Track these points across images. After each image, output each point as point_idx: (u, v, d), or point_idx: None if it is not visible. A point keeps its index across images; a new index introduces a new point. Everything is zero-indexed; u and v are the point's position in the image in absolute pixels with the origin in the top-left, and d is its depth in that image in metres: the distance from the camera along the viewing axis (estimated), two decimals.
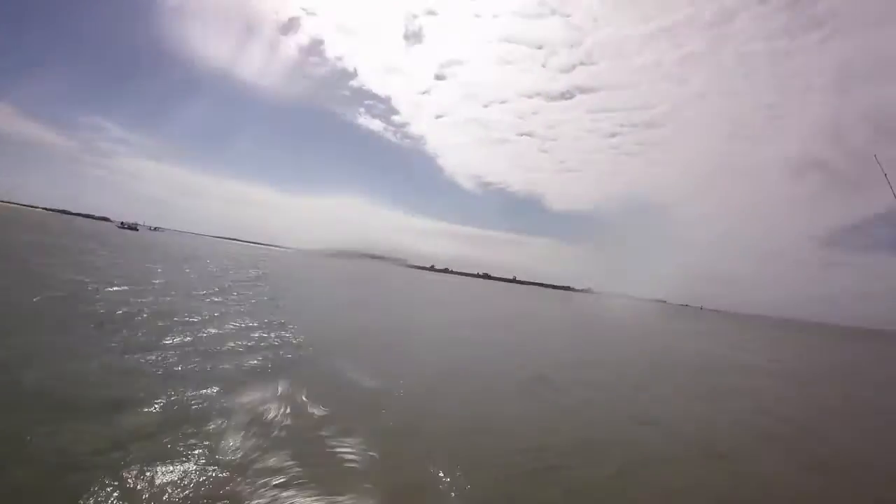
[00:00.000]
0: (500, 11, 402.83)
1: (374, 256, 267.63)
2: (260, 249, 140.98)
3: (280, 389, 6.87)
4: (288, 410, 6.10)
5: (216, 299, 15.00)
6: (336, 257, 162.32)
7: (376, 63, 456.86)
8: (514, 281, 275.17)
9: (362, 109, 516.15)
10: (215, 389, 6.41)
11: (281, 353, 9.21)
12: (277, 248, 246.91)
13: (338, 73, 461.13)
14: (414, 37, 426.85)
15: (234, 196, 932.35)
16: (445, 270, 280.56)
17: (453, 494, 4.57)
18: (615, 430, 7.41)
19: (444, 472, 4.94)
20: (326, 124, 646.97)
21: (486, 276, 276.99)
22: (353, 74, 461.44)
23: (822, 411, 11.29)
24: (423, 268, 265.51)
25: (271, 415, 5.89)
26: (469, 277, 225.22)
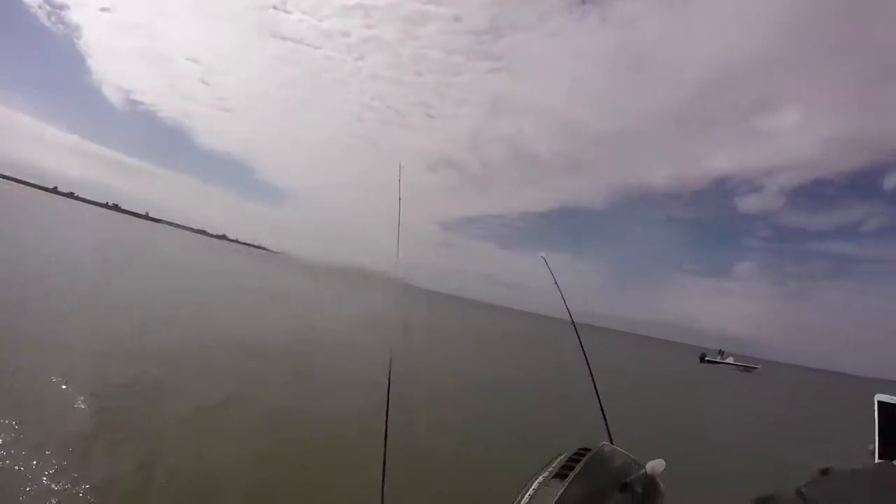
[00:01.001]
0: None
1: None
2: None
3: None
4: None
5: None
6: None
7: None
8: (146, 217, 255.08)
9: None
10: None
11: None
12: None
13: None
14: None
15: None
16: (71, 195, 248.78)
17: None
18: None
19: None
20: None
21: (116, 208, 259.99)
22: None
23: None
24: (44, 188, 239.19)
25: None
26: (97, 207, 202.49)
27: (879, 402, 1.80)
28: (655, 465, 1.10)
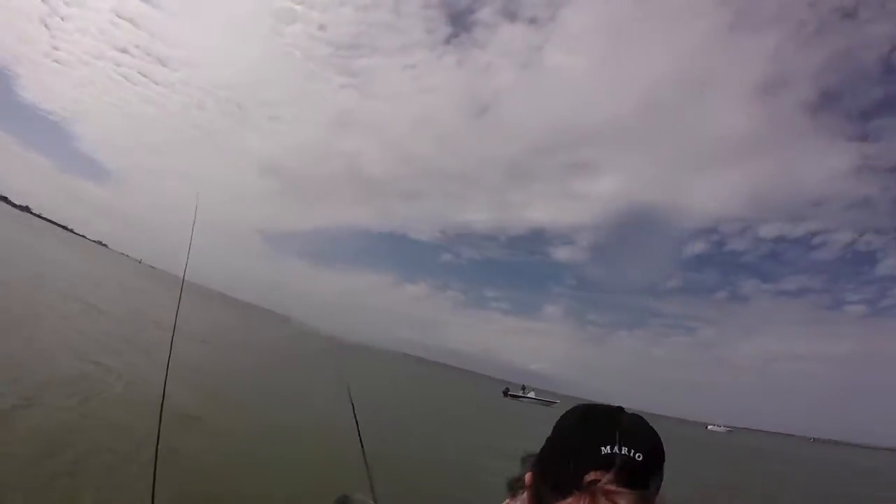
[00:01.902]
0: None
1: None
2: None
3: None
4: None
5: None
6: None
7: None
8: None
9: None
10: None
11: None
12: None
13: None
14: None
15: None
16: None
17: None
18: None
19: None
20: None
21: None
22: None
23: None
24: None
25: None
26: None
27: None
28: None
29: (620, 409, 0.69)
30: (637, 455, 0.60)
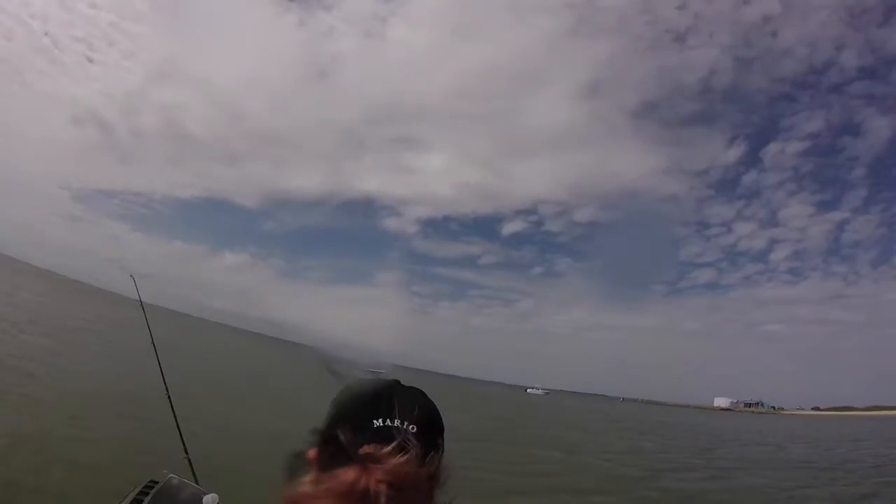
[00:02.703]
0: None
1: None
2: None
3: None
4: None
5: None
6: None
7: None
8: None
9: None
10: None
11: None
12: None
13: None
14: None
15: None
16: None
17: None
18: None
19: None
20: None
21: None
22: None
23: None
24: None
25: None
26: None
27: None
28: (209, 500, 1.11)
29: (396, 382, 0.72)
30: (411, 427, 0.62)
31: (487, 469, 9.87)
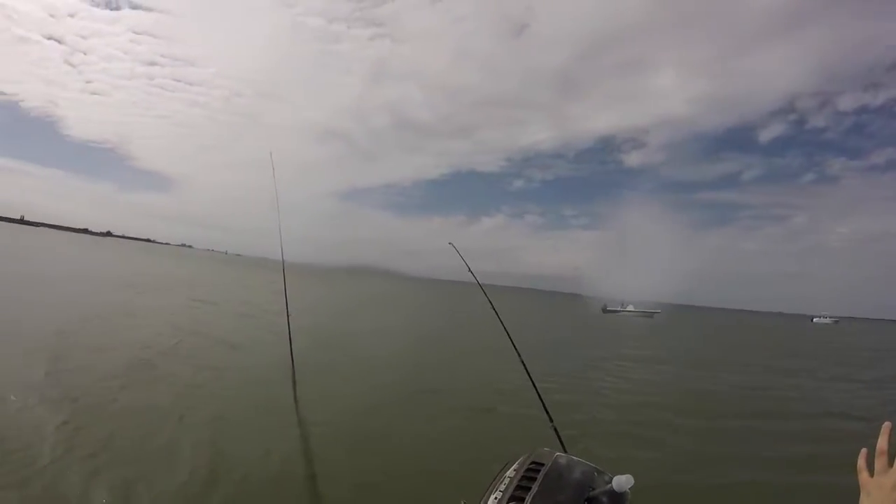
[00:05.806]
0: None
1: None
2: None
3: None
4: None
5: None
6: None
7: None
8: (22, 221, 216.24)
9: None
10: None
11: None
12: None
13: None
14: None
15: None
16: None
17: None
18: None
19: None
20: None
21: None
22: None
23: None
24: None
25: None
26: None
27: None
28: (623, 482, 0.99)
29: None
30: None
31: None
